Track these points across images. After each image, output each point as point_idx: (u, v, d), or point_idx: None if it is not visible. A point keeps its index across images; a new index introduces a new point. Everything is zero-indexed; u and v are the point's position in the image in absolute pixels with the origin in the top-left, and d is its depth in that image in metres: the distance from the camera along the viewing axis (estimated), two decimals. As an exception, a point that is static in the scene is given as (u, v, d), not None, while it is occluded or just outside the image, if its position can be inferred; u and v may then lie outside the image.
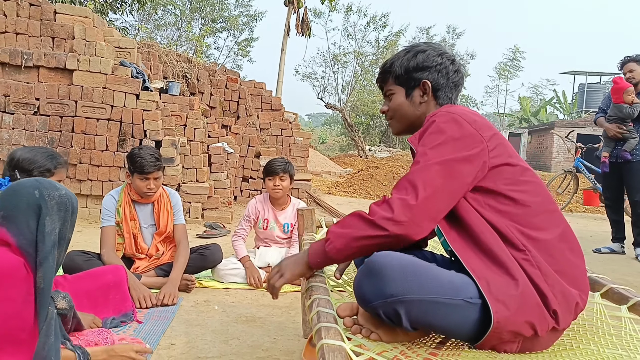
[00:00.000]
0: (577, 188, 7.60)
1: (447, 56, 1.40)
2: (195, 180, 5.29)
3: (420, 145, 1.24)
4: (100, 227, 2.71)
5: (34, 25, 4.80)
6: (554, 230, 1.21)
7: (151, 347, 1.95)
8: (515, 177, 1.22)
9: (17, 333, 1.38)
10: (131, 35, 16.07)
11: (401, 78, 1.42)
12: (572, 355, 1.16)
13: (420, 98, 1.40)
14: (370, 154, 17.67)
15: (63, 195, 1.50)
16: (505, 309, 1.07)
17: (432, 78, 1.39)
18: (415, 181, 1.17)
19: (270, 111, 7.55)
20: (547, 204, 1.24)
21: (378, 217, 1.16)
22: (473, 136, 1.20)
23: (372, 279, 1.08)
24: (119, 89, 4.85)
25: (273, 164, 3.15)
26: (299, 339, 2.17)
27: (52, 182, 1.50)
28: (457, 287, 1.09)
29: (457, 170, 1.17)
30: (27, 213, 1.42)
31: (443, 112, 1.26)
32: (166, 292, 2.52)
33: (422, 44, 1.44)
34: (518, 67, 29.53)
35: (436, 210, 1.17)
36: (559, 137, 8.02)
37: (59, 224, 1.49)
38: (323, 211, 6.51)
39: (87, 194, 4.84)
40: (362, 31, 21.40)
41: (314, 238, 2.00)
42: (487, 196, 1.21)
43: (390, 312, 1.06)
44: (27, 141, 4.68)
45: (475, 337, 1.13)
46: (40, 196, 1.44)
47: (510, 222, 1.18)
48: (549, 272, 1.14)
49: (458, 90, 1.43)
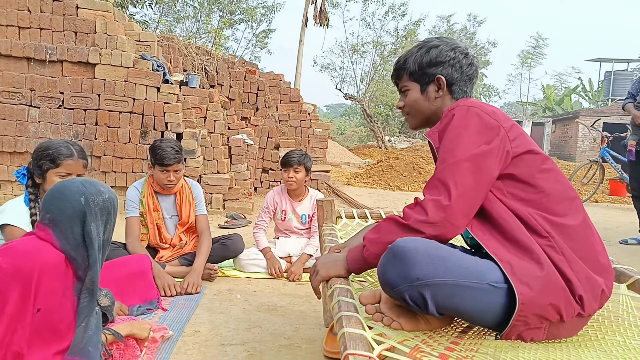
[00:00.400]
0: (603, 178, 7.43)
1: (460, 50, 1.41)
2: (216, 171, 5.35)
3: (444, 141, 1.25)
4: (125, 217, 2.78)
5: (57, 20, 4.89)
6: (577, 217, 1.22)
7: (176, 334, 2.00)
8: (537, 164, 1.23)
9: (56, 323, 1.43)
10: (151, 28, 16.24)
11: (415, 74, 1.44)
12: (597, 346, 1.15)
13: (435, 93, 1.42)
14: (390, 144, 17.56)
15: (107, 199, 1.53)
16: (529, 290, 1.08)
17: (446, 73, 1.40)
18: (445, 180, 1.18)
19: (289, 102, 7.56)
20: (568, 191, 1.25)
21: (413, 220, 1.18)
22: (494, 127, 1.21)
23: (397, 262, 1.09)
24: (140, 82, 4.92)
25: (289, 155, 3.17)
26: (320, 327, 2.19)
27: (96, 187, 1.53)
28: (481, 271, 1.10)
29: (484, 164, 1.19)
30: (72, 220, 1.45)
31: (461, 106, 1.27)
32: (190, 281, 2.57)
33: (434, 39, 1.44)
34: (541, 54, 28.85)
35: (470, 206, 1.19)
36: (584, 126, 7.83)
37: (103, 228, 1.53)
38: (342, 202, 6.52)
39: (111, 185, 4.94)
40: (381, 20, 21.14)
41: (334, 229, 2.02)
42: (510, 184, 1.22)
43: (416, 295, 1.07)
44: (53, 134, 4.79)
45: (502, 324, 1.13)
46: (86, 203, 1.47)
47: (532, 210, 1.19)
48: (573, 258, 1.15)
49: (472, 83, 1.44)
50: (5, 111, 4.75)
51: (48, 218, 1.46)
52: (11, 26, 4.82)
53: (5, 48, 4.71)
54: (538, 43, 28.54)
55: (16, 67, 4.81)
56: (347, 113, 36.03)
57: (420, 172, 9.23)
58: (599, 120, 8.65)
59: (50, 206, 1.46)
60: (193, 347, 1.93)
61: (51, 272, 1.40)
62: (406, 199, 7.22)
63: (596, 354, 1.09)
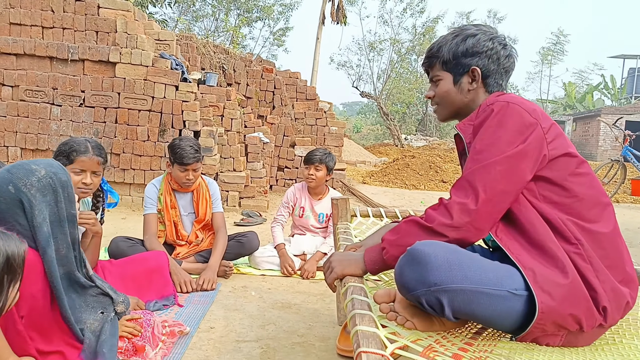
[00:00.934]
0: (624, 178, 7.28)
1: (498, 40, 1.33)
2: (232, 169, 5.40)
3: (478, 139, 1.20)
4: (143, 214, 2.82)
5: (79, 20, 4.99)
6: (608, 224, 1.18)
7: (191, 329, 2.03)
8: (572, 167, 1.18)
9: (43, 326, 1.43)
10: (170, 27, 16.44)
11: (449, 64, 1.36)
12: (614, 350, 1.13)
13: (468, 85, 1.35)
14: (406, 142, 17.45)
15: (43, 177, 1.38)
16: (550, 299, 1.05)
17: (482, 64, 1.33)
18: (475, 183, 1.14)
19: (305, 101, 7.57)
20: (601, 197, 1.20)
21: (437, 223, 1.15)
22: (533, 126, 1.16)
23: (415, 267, 1.06)
24: (159, 80, 4.99)
25: (312, 153, 3.19)
26: (333, 325, 2.20)
27: (26, 167, 1.38)
28: (501, 277, 1.07)
29: (518, 167, 1.14)
30: (11, 212, 1.34)
31: (501, 102, 1.20)
32: (205, 277, 2.61)
33: (471, 27, 1.36)
34: (562, 51, 28.29)
35: (497, 211, 1.15)
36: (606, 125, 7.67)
37: (49, 209, 1.40)
38: (358, 200, 6.51)
39: (130, 182, 5.03)
40: (399, 17, 21.02)
41: (349, 227, 2.02)
42: (543, 186, 1.17)
43: (432, 301, 1.05)
44: (74, 132, 4.90)
45: (519, 329, 1.11)
46: (17, 190, 1.34)
47: (563, 214, 1.15)
48: (601, 267, 1.11)
49: (508, 76, 1.37)
50: (29, 109, 4.87)
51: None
52: (35, 26, 4.94)
53: (29, 47, 4.83)
54: (559, 39, 27.99)
55: (39, 66, 4.92)
56: (363, 111, 35.91)
57: (436, 170, 9.16)
58: (622, 118, 8.46)
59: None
60: (208, 343, 1.95)
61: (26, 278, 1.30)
62: (422, 198, 7.17)
63: (613, 357, 1.07)
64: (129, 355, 1.65)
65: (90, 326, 1.55)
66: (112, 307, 1.64)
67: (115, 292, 1.68)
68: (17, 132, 4.88)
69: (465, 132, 1.28)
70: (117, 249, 2.63)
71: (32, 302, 1.39)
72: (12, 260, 1.12)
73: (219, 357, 1.83)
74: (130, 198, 5.07)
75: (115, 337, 1.56)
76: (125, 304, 1.69)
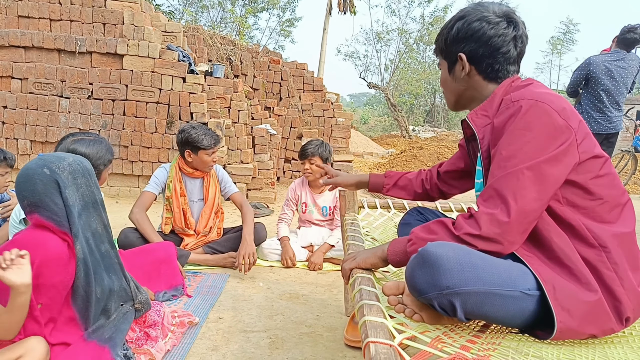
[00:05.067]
0: (635, 168, 7.20)
1: (487, 19, 1.22)
2: (239, 161, 5.40)
3: (505, 142, 1.11)
4: (142, 190, 2.84)
5: (86, 12, 5.00)
6: (629, 223, 1.14)
7: (200, 320, 2.05)
8: (596, 169, 1.12)
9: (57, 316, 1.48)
10: (176, 19, 16.41)
11: (444, 51, 1.33)
12: (624, 342, 1.12)
13: (461, 72, 1.29)
14: (414, 134, 17.36)
15: (71, 162, 1.49)
16: (570, 319, 1.02)
17: (469, 49, 1.25)
18: (503, 191, 1.07)
19: (312, 92, 7.54)
20: (622, 195, 1.16)
21: (463, 232, 1.09)
22: (563, 129, 1.07)
23: (426, 269, 1.03)
24: (166, 72, 4.99)
25: (304, 147, 3.14)
26: (341, 316, 2.21)
27: (56, 156, 1.49)
28: (515, 278, 1.05)
29: (549, 174, 1.06)
30: (48, 193, 1.42)
31: (529, 100, 1.10)
32: (243, 253, 2.65)
33: (466, 9, 1.28)
34: (572, 40, 27.91)
35: (529, 222, 1.08)
36: (617, 115, 7.55)
37: (80, 192, 1.50)
38: (365, 192, 6.50)
39: (138, 174, 5.06)
40: (407, 7, 20.86)
41: (356, 218, 2.01)
42: (568, 189, 1.11)
43: (445, 303, 1.03)
44: (82, 124, 4.92)
45: (530, 326, 1.10)
46: (52, 172, 1.44)
47: (585, 218, 1.11)
48: (626, 274, 1.08)
49: (507, 57, 1.24)
50: (37, 102, 4.90)
51: (27, 204, 1.42)
52: (43, 19, 4.95)
53: (37, 40, 4.85)
54: (569, 28, 27.61)
55: (47, 58, 4.94)
56: (370, 102, 35.74)
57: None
58: (633, 108, 8.35)
59: (23, 192, 1.43)
60: (217, 333, 1.97)
61: (50, 268, 1.39)
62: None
63: (623, 350, 1.07)
64: (140, 345, 1.67)
65: (113, 313, 1.60)
66: (132, 302, 1.67)
67: (139, 289, 1.72)
68: (26, 124, 4.91)
69: (478, 124, 1.23)
70: (126, 239, 2.65)
71: (51, 292, 1.43)
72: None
73: (227, 346, 1.85)
74: (139, 190, 5.10)
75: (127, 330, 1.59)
76: (144, 303, 1.72)
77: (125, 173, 5.02)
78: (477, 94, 1.31)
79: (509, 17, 1.24)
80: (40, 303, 1.41)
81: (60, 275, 1.43)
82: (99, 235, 1.57)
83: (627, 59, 3.95)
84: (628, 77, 3.98)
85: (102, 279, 1.56)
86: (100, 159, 2.02)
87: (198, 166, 2.84)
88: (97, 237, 1.56)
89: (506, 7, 1.27)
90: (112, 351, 1.49)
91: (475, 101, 1.32)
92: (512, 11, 1.25)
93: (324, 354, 1.82)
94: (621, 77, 3.97)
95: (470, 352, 0.96)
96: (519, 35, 1.24)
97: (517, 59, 1.27)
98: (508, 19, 1.24)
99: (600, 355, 1.03)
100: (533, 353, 0.99)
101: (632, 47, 3.95)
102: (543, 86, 1.22)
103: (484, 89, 1.30)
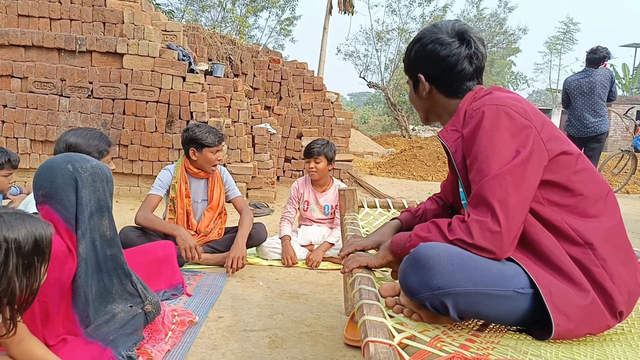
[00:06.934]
0: (635, 168, 7.21)
1: (439, 41, 1.27)
2: (239, 160, 5.41)
3: (476, 147, 1.13)
4: (148, 194, 2.85)
5: (86, 11, 5.00)
6: (613, 217, 1.15)
7: (200, 319, 2.05)
8: (572, 166, 1.14)
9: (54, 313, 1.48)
10: (177, 18, 16.40)
11: (408, 72, 1.40)
12: (622, 340, 1.13)
13: (423, 91, 1.35)
14: (414, 133, 17.37)
15: (95, 166, 1.55)
16: (567, 322, 1.04)
17: (426, 71, 1.32)
18: (488, 199, 1.08)
19: (312, 91, 7.54)
20: (602, 189, 1.17)
21: (457, 238, 1.10)
22: (528, 129, 1.11)
23: (418, 270, 1.05)
24: (166, 71, 4.99)
25: (310, 146, 3.16)
26: (340, 315, 2.22)
27: (82, 155, 1.55)
28: (507, 277, 1.06)
29: (527, 174, 1.09)
30: (65, 188, 1.47)
31: (489, 105, 1.14)
32: (233, 256, 2.68)
33: (423, 31, 1.33)
34: (572, 40, 27.88)
35: (517, 227, 1.09)
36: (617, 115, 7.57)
37: (96, 195, 1.53)
38: (365, 192, 6.50)
39: (138, 173, 5.06)
40: (407, 6, 20.80)
41: (356, 218, 2.02)
42: (546, 189, 1.13)
43: (437, 303, 1.04)
44: (82, 123, 4.92)
45: (525, 323, 1.11)
46: (74, 169, 1.49)
47: (568, 216, 1.12)
48: (615, 268, 1.09)
49: (463, 74, 1.28)
50: (37, 101, 4.90)
51: (42, 194, 1.46)
52: (43, 18, 4.95)
53: (37, 39, 4.85)
54: (568, 28, 27.55)
55: (47, 57, 4.94)
56: (370, 102, 35.74)
57: (444, 161, 9.11)
58: (633, 108, 8.36)
59: (42, 182, 1.47)
60: (216, 332, 1.97)
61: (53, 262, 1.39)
62: (430, 189, 7.14)
63: (621, 348, 1.07)
64: (140, 344, 1.67)
65: (118, 315, 1.60)
66: (142, 304, 1.67)
67: (148, 291, 1.73)
68: (26, 123, 4.91)
69: (448, 139, 1.26)
70: (126, 238, 2.65)
71: (47, 289, 1.43)
72: (40, 242, 1.20)
73: (227, 346, 1.85)
74: (139, 189, 5.11)
75: (133, 334, 1.59)
76: (154, 305, 1.73)
77: (125, 172, 5.03)
78: (442, 109, 1.37)
79: (461, 36, 1.28)
80: (38, 300, 1.41)
81: (55, 273, 1.44)
82: (107, 240, 1.60)
83: (593, 75, 4.81)
84: (597, 88, 4.80)
85: (101, 280, 1.57)
86: (92, 147, 2.03)
87: (202, 165, 2.85)
88: (104, 240, 1.59)
89: (460, 25, 1.30)
90: (115, 352, 1.49)
91: (442, 116, 1.38)
92: (466, 29, 1.29)
93: (323, 353, 1.83)
94: (590, 90, 4.83)
95: (470, 351, 0.96)
96: (472, 53, 1.28)
97: (475, 74, 1.31)
98: (460, 38, 1.28)
99: (598, 354, 1.03)
100: (532, 352, 1.00)
101: (598, 64, 4.81)
102: (506, 91, 1.25)
103: (448, 105, 1.34)
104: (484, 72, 1.36)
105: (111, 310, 1.60)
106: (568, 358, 0.98)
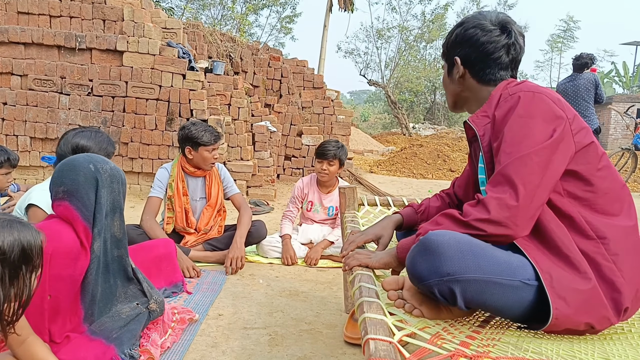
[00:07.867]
0: (635, 166, 7.21)
1: (481, 26, 1.30)
2: (239, 158, 5.40)
3: (508, 129, 1.15)
4: (148, 196, 2.85)
5: (86, 8, 4.99)
6: (632, 219, 1.15)
7: (200, 316, 2.05)
8: (596, 161, 1.15)
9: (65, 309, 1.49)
10: (177, 15, 16.38)
11: (445, 55, 1.43)
12: (623, 339, 1.13)
13: (456, 75, 1.37)
14: (414, 131, 17.36)
15: (113, 168, 1.61)
16: (566, 306, 1.04)
17: (463, 54, 1.34)
18: (511, 177, 1.09)
19: (312, 89, 7.53)
20: (622, 189, 1.18)
21: (472, 218, 1.11)
22: (560, 119, 1.12)
23: (427, 256, 1.05)
24: (166, 69, 4.98)
25: (325, 147, 3.08)
26: (340, 313, 2.22)
27: (102, 158, 1.60)
28: (514, 267, 1.06)
29: (553, 158, 1.10)
30: (86, 186, 1.51)
31: (527, 92, 1.17)
32: (232, 256, 2.68)
33: (467, 17, 1.37)
34: (572, 38, 27.82)
35: (537, 207, 1.10)
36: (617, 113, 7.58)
37: (112, 196, 1.58)
38: (365, 190, 6.50)
39: (138, 171, 5.06)
40: (408, 4, 20.74)
41: (356, 216, 2.02)
42: (568, 180, 1.14)
43: (445, 290, 1.04)
44: (82, 121, 4.92)
45: (528, 318, 1.11)
46: (96, 169, 1.54)
47: (584, 210, 1.13)
48: (626, 265, 1.09)
49: (498, 62, 1.31)
50: (37, 98, 4.90)
51: (62, 191, 1.50)
52: (43, 15, 4.94)
53: (37, 37, 4.84)
54: (569, 26, 27.48)
55: (47, 55, 4.94)
56: (370, 99, 35.72)
57: (444, 159, 9.11)
58: (633, 106, 8.35)
59: (63, 179, 1.51)
60: (217, 329, 1.98)
61: (61, 259, 1.43)
62: (430, 187, 7.15)
63: (622, 346, 1.07)
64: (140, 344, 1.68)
65: (122, 312, 1.62)
66: (147, 303, 1.69)
67: (154, 290, 1.74)
68: (26, 121, 4.91)
69: (478, 124, 1.26)
70: (127, 236, 2.65)
71: (60, 284, 1.45)
72: (28, 250, 1.13)
73: (227, 343, 1.85)
74: (139, 187, 5.11)
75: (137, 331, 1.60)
76: (159, 304, 1.74)
77: (125, 170, 5.02)
78: (472, 95, 1.38)
79: (503, 26, 1.30)
80: (50, 295, 1.43)
81: (69, 269, 1.46)
82: (117, 240, 1.64)
83: (578, 79, 5.28)
84: (581, 91, 5.24)
85: (107, 281, 1.59)
86: (102, 150, 2.07)
87: (199, 163, 2.84)
88: (114, 241, 1.63)
89: (504, 16, 1.33)
90: (118, 350, 1.49)
91: (470, 103, 1.39)
92: (509, 21, 1.32)
93: (323, 351, 1.83)
94: (575, 93, 5.27)
95: (470, 348, 0.96)
96: (511, 43, 1.30)
97: (510, 65, 1.33)
98: (502, 27, 1.30)
99: (599, 352, 1.03)
100: (533, 349, 1.00)
101: (582, 69, 5.29)
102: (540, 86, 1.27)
103: (478, 92, 1.36)
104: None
105: (114, 308, 1.61)
106: (569, 355, 0.98)
